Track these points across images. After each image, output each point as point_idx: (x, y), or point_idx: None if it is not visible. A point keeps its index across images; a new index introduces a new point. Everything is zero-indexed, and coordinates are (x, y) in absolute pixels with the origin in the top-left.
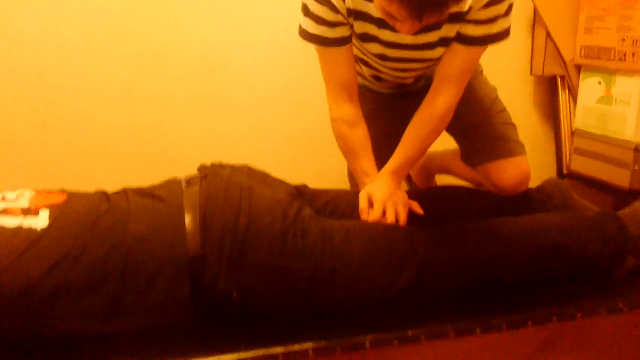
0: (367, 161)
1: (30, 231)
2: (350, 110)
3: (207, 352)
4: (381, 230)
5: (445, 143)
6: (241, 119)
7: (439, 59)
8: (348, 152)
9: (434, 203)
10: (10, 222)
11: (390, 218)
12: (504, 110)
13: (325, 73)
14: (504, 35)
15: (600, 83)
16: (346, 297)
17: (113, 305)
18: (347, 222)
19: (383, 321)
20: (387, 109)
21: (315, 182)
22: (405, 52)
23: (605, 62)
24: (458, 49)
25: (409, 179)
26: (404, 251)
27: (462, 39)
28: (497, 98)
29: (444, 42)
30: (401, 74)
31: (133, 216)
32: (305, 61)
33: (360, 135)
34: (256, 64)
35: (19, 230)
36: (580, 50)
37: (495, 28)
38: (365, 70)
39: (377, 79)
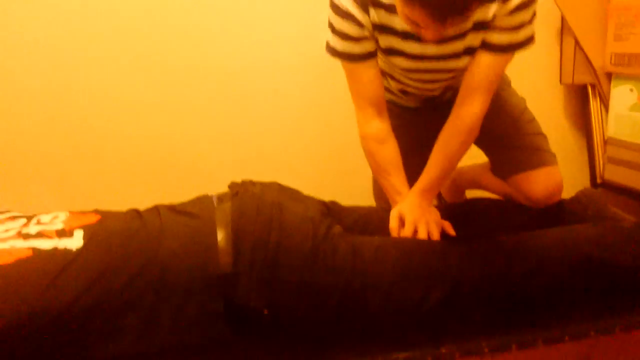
0: (398, 178)
1: (66, 252)
2: (379, 126)
3: None
4: (412, 246)
5: (475, 157)
6: (268, 137)
7: (464, 69)
8: (378, 169)
9: (465, 217)
10: (45, 244)
11: (422, 236)
12: (534, 119)
13: (353, 89)
14: (529, 41)
15: (632, 90)
16: (377, 314)
17: (148, 322)
18: (377, 238)
19: (416, 338)
20: (414, 123)
21: (343, 199)
22: (431, 63)
23: (636, 68)
24: (483, 57)
25: (438, 195)
26: (435, 267)
27: (487, 46)
28: (525, 108)
29: (469, 51)
30: (427, 85)
31: (166, 233)
32: (332, 79)
33: (390, 152)
34: (283, 82)
35: (54, 252)
36: (611, 58)
37: (520, 35)
38: (392, 84)
39: (404, 92)
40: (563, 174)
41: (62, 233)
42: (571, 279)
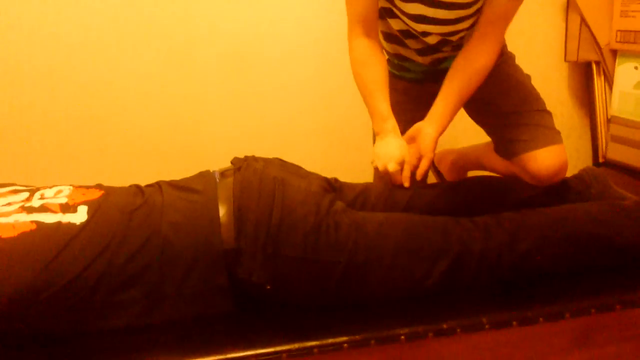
0: (384, 103)
1: (70, 226)
2: (365, 44)
3: (241, 344)
4: (414, 221)
5: (471, 139)
6: (271, 112)
7: (473, 14)
8: (363, 91)
9: (469, 194)
10: (49, 218)
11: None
12: (539, 97)
13: (347, 3)
14: None
15: (636, 68)
16: (380, 289)
17: (152, 295)
18: (379, 214)
19: (418, 313)
20: (416, 96)
21: (345, 174)
22: None
23: None
24: None
25: (439, 175)
26: (438, 242)
27: None
28: (531, 85)
29: None
30: (429, 27)
31: (168, 208)
32: (335, 53)
33: (375, 72)
34: (286, 57)
35: (58, 225)
36: (616, 35)
37: None
38: (393, 24)
39: (405, 35)
40: (566, 152)
41: (66, 208)
42: (573, 256)
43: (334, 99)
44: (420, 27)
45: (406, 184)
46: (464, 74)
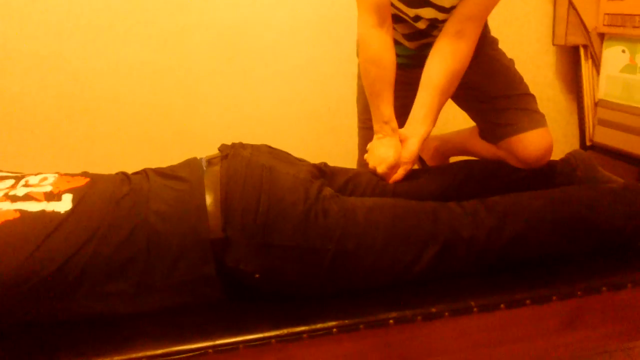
0: (388, 106)
1: (54, 215)
2: (378, 37)
3: (231, 331)
4: (404, 206)
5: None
6: (262, 97)
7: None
8: (369, 88)
9: (457, 178)
10: (33, 207)
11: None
12: (522, 80)
13: None
14: None
15: (624, 51)
16: (369, 275)
17: (139, 284)
18: (368, 199)
19: (406, 298)
20: (405, 82)
21: (338, 158)
22: None
23: (629, 29)
24: None
25: (421, 162)
26: (427, 227)
27: None
28: (514, 68)
29: None
30: (420, 10)
31: (154, 197)
32: (328, 38)
33: (384, 73)
34: (279, 42)
35: (42, 214)
36: (604, 18)
37: None
38: None
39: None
40: (553, 135)
41: (51, 196)
42: (560, 239)
43: (325, 86)
44: (413, 12)
45: (389, 182)
46: (440, 79)
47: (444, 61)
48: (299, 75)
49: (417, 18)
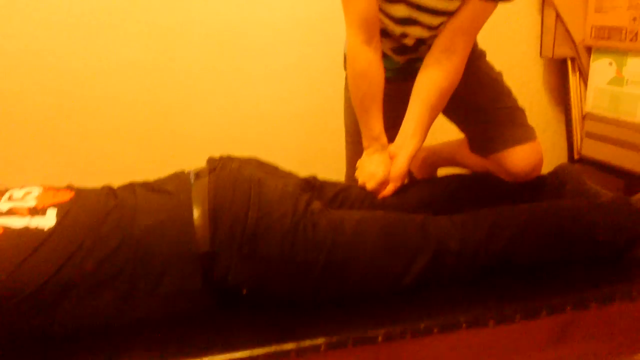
0: (378, 122)
1: (37, 231)
2: (367, 54)
3: (216, 347)
4: (392, 219)
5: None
6: (251, 109)
7: (450, 14)
8: (358, 104)
9: (445, 191)
10: (16, 222)
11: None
12: (511, 93)
13: (345, 6)
14: None
15: (611, 64)
16: (358, 288)
17: (125, 300)
18: (357, 212)
19: (395, 313)
20: (393, 96)
21: (325, 170)
22: None
23: (616, 42)
24: (474, 3)
25: (410, 173)
26: (415, 240)
27: None
28: (503, 81)
29: None
30: (408, 29)
31: (141, 211)
32: (317, 49)
33: (373, 86)
34: (270, 42)
35: (25, 231)
36: (591, 31)
37: None
38: None
39: (383, 33)
40: (542, 148)
41: (35, 211)
42: (548, 252)
43: (316, 88)
44: (400, 29)
45: (379, 197)
46: (429, 95)
47: (434, 77)
48: (291, 75)
49: (404, 35)
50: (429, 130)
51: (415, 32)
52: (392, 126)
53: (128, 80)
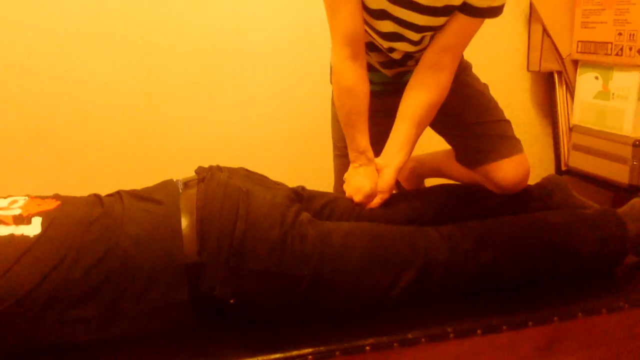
0: (364, 136)
1: (23, 239)
2: (352, 70)
3: (204, 358)
4: (380, 231)
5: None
6: (239, 118)
7: (435, 29)
8: (344, 118)
9: (433, 203)
10: (1, 230)
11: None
12: (497, 106)
13: (331, 23)
14: (500, 10)
15: (597, 78)
16: (346, 300)
17: (110, 310)
18: (345, 224)
19: (383, 324)
20: (379, 109)
21: (314, 179)
22: (409, 12)
23: (602, 56)
24: (460, 18)
25: (397, 184)
26: (403, 252)
27: (466, 9)
28: (489, 94)
29: (447, 11)
30: (394, 44)
31: (128, 220)
32: (303, 61)
33: (358, 102)
34: (254, 64)
35: (10, 238)
36: (577, 45)
37: (497, 1)
38: None
39: (371, 47)
40: (529, 160)
41: (20, 219)
42: (535, 264)
43: (302, 106)
44: (387, 44)
45: (367, 208)
46: (416, 111)
47: (421, 93)
48: (275, 96)
49: (391, 50)
50: (415, 144)
51: (402, 47)
52: (378, 141)
53: (117, 88)
